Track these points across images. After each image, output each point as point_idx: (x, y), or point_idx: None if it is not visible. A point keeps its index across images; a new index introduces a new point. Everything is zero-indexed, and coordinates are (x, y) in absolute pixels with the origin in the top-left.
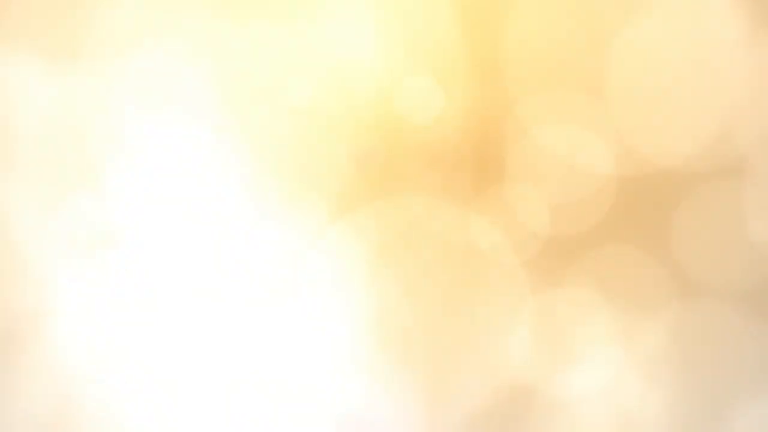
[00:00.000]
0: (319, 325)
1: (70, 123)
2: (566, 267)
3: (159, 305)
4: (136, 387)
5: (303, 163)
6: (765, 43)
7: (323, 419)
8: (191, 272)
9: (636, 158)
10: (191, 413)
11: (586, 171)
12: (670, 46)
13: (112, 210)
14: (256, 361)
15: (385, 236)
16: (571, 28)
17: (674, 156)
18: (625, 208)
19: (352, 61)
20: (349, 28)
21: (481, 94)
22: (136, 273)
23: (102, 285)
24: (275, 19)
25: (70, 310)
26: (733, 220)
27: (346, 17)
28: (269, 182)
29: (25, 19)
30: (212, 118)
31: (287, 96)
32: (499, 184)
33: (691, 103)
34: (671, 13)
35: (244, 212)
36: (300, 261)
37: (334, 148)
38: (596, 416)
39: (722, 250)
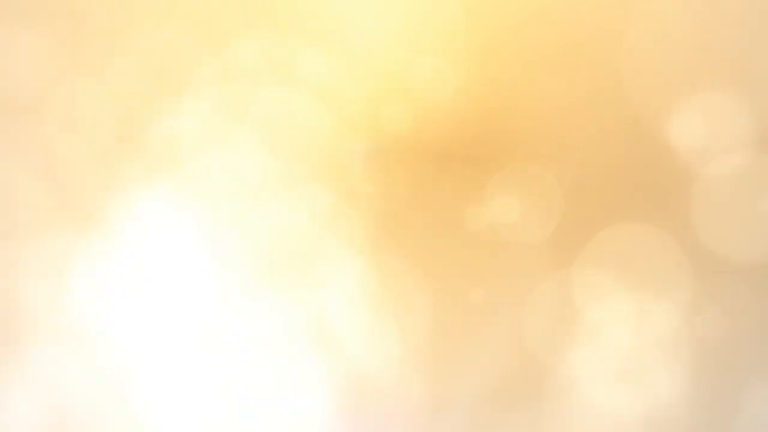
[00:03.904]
0: (325, 300)
1: (71, 105)
2: (581, 246)
3: (171, 280)
4: (144, 362)
5: (310, 144)
6: None
7: (325, 392)
8: (199, 253)
9: (651, 134)
10: (198, 383)
11: (600, 148)
12: (687, 19)
13: (115, 193)
14: (259, 331)
15: (395, 216)
16: (586, 4)
17: (690, 131)
18: (640, 185)
19: (363, 42)
20: (359, 9)
21: (495, 74)
22: (142, 256)
23: (108, 265)
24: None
25: (75, 297)
26: (751, 195)
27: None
28: (274, 162)
29: None
30: (218, 99)
31: (294, 77)
32: (513, 163)
33: (708, 77)
34: None
35: (248, 193)
36: (306, 239)
37: (342, 128)
38: (611, 396)
39: (740, 226)
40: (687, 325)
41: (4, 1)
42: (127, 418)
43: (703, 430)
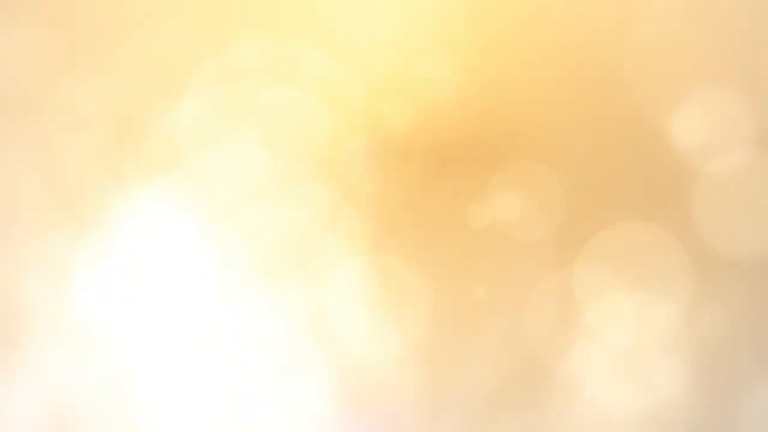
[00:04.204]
0: (326, 299)
1: (71, 104)
2: (582, 244)
3: (172, 279)
4: (147, 359)
5: (311, 143)
6: None
7: (326, 391)
8: (199, 252)
9: (653, 133)
10: (198, 382)
11: (602, 147)
12: (688, 17)
13: (116, 191)
14: (260, 329)
15: (396, 215)
16: (587, 3)
17: (692, 130)
18: (642, 183)
19: (364, 41)
20: (360, 9)
21: (496, 72)
22: (142, 255)
23: (109, 264)
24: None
25: (76, 296)
26: (752, 194)
27: None
28: (275, 160)
29: None
30: (218, 98)
31: (294, 76)
32: (514, 161)
33: (709, 76)
34: None
35: (249, 191)
36: (307, 238)
37: (343, 127)
38: (612, 394)
39: (741, 224)
40: (688, 324)
41: (5, 0)
42: (128, 418)
43: (704, 428)
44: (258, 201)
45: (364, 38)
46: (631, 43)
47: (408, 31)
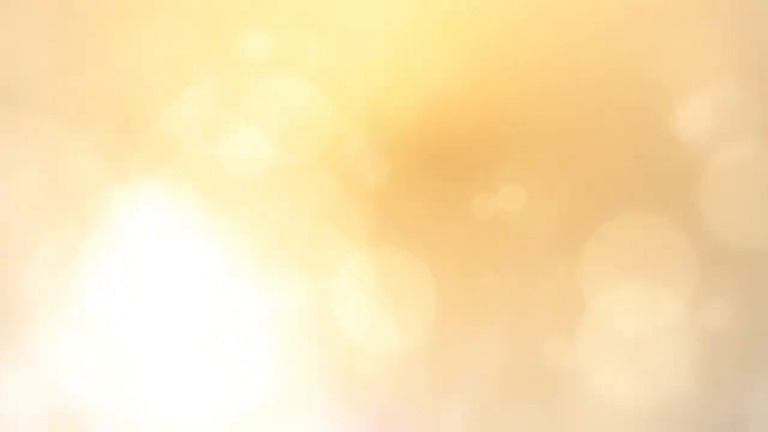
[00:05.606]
0: (330, 292)
1: (72, 97)
2: (587, 236)
3: (173, 272)
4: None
5: (315, 135)
6: None
7: (329, 383)
8: (200, 245)
9: (658, 124)
10: (200, 375)
11: (607, 138)
12: (694, 8)
13: (118, 185)
14: (262, 321)
15: (400, 207)
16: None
17: (697, 121)
18: (647, 175)
19: (368, 32)
20: (363, 1)
21: (501, 64)
22: (144, 249)
23: (111, 258)
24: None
25: (78, 290)
26: (758, 185)
27: None
28: (278, 153)
29: None
30: (221, 91)
31: (298, 69)
32: (519, 152)
33: (715, 66)
34: None
35: (252, 184)
36: (311, 230)
37: (348, 120)
38: (617, 385)
39: (747, 216)
40: (693, 315)
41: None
42: (129, 412)
43: (709, 419)
44: (260, 195)
45: (367, 31)
46: (636, 36)
47: (412, 25)
